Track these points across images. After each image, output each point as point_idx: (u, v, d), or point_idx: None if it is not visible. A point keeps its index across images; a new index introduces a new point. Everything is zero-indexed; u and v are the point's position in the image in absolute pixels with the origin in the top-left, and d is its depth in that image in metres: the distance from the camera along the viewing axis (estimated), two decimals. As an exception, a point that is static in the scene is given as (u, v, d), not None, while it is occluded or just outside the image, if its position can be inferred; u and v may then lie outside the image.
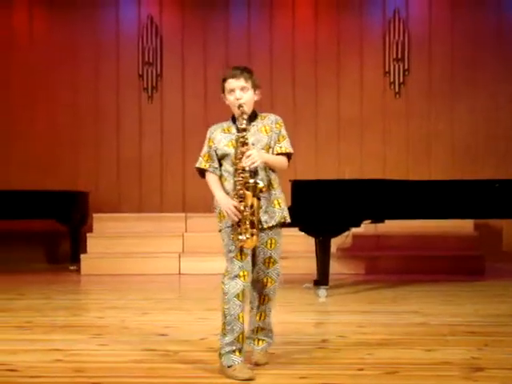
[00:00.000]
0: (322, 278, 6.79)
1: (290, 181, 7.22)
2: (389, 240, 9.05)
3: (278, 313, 5.88)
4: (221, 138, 3.91)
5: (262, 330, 4.06)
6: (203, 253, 8.94)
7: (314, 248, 7.29)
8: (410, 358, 4.18)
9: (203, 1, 10.30)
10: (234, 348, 3.78)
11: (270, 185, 3.89)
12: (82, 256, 9.00)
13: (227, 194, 3.84)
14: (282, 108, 10.10)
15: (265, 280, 3.97)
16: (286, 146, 3.91)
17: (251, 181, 3.73)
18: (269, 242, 3.92)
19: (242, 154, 3.73)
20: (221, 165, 3.92)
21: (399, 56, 10.03)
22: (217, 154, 3.90)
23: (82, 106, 10.33)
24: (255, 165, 3.72)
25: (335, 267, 8.09)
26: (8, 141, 10.24)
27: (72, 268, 9.15)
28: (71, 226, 9.38)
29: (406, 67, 10.04)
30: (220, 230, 3.91)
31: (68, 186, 9.80)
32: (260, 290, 3.99)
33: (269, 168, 3.88)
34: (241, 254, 3.80)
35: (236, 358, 3.77)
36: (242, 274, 3.80)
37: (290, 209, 7.10)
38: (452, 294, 6.78)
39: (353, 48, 10.11)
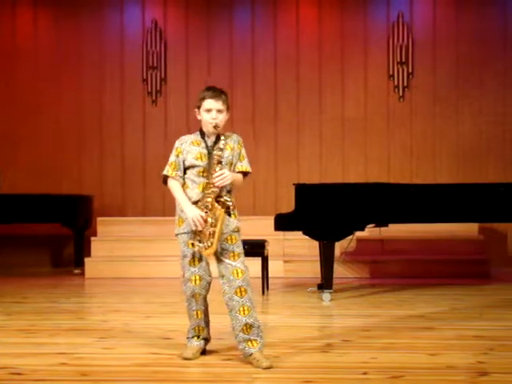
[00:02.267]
0: (326, 282, 6.78)
1: (293, 185, 7.23)
2: (393, 244, 9.04)
3: (281, 316, 5.89)
4: (190, 149, 4.23)
5: (251, 327, 4.13)
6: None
7: (318, 252, 7.28)
8: (414, 362, 4.16)
9: (207, 5, 10.32)
10: (193, 335, 4.34)
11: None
12: (86, 260, 9.01)
13: (189, 199, 4.17)
14: (286, 111, 10.12)
15: (234, 272, 4.15)
16: (246, 165, 4.29)
17: (224, 198, 4.11)
18: (229, 238, 4.17)
19: (215, 171, 4.08)
20: (185, 173, 4.25)
21: (403, 59, 10.03)
22: (184, 164, 4.23)
23: (87, 110, 10.35)
24: (226, 183, 4.09)
25: (339, 271, 8.09)
26: (13, 145, 10.26)
27: (76, 271, 9.16)
28: (75, 229, 9.39)
29: (410, 70, 10.04)
30: (176, 235, 4.32)
31: (72, 189, 9.83)
32: (234, 285, 4.14)
33: (230, 186, 4.21)
34: (194, 260, 4.20)
35: (193, 341, 4.32)
36: (193, 278, 4.21)
37: (293, 213, 7.17)
38: (457, 298, 6.76)
39: (357, 51, 10.12)
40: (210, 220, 4.07)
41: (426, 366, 4.08)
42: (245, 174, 4.28)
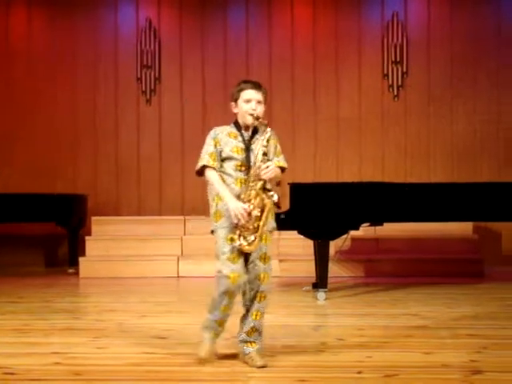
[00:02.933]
0: (320, 281, 6.79)
1: (288, 184, 7.23)
2: (388, 243, 9.06)
3: (277, 315, 5.88)
4: (227, 141, 4.07)
5: (255, 331, 4.11)
6: (202, 255, 8.94)
7: (312, 251, 7.29)
8: (409, 361, 4.17)
9: (201, 4, 10.31)
10: (211, 326, 4.11)
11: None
12: (81, 259, 9.00)
13: None
14: (281, 110, 10.12)
15: (262, 276, 4.03)
16: (283, 160, 4.14)
17: (271, 193, 3.93)
18: (264, 237, 4.01)
19: (262, 163, 3.93)
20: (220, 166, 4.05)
21: (398, 58, 10.04)
22: (220, 155, 4.04)
23: (81, 109, 10.33)
24: (272, 176, 3.93)
25: (334, 270, 8.09)
26: (8, 144, 10.24)
27: (70, 271, 9.14)
28: (70, 229, 9.38)
29: (405, 70, 10.05)
30: (213, 230, 4.05)
31: (67, 189, 9.81)
32: (257, 288, 4.04)
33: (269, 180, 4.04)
34: (233, 257, 3.95)
35: (206, 336, 4.12)
36: (232, 275, 3.94)
37: (288, 212, 7.16)
38: (451, 297, 6.78)
39: (351, 51, 10.12)
40: (254, 213, 3.89)
41: (420, 364, 4.08)
42: (282, 169, 4.12)
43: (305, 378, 3.81)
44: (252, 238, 3.89)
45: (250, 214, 3.88)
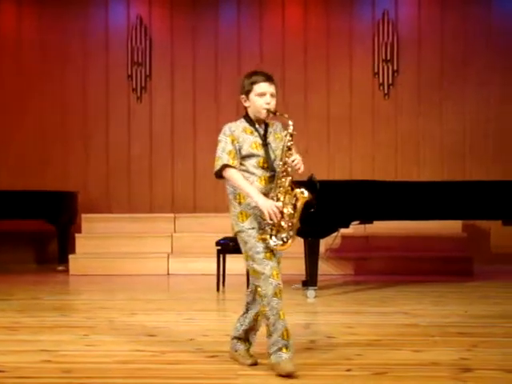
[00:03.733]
0: (310, 279, 6.79)
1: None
2: (378, 241, 9.07)
3: (266, 313, 5.88)
4: (245, 138, 3.88)
5: (252, 330, 4.07)
6: (192, 253, 8.95)
7: (302, 249, 7.29)
8: (398, 358, 4.18)
9: (192, 1, 10.29)
10: (280, 346, 3.78)
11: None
12: (71, 256, 8.98)
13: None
14: (272, 109, 10.09)
15: (279, 275, 3.90)
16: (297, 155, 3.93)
17: (302, 189, 3.79)
18: None
19: (287, 158, 3.77)
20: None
21: (388, 57, 10.06)
22: (240, 153, 3.87)
23: (71, 106, 10.30)
24: (301, 170, 3.79)
25: (324, 268, 8.11)
26: (-3, 141, 10.22)
27: (60, 268, 9.12)
28: (60, 226, 9.35)
29: (395, 68, 10.07)
30: (239, 232, 3.88)
31: (57, 186, 9.78)
32: (278, 285, 3.89)
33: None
34: (270, 255, 3.81)
35: (283, 354, 3.77)
36: (274, 273, 3.80)
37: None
38: (441, 295, 6.80)
39: (342, 49, 10.13)
40: (286, 211, 3.76)
41: (410, 362, 4.09)
42: None
43: (294, 375, 3.81)
44: (285, 236, 3.76)
45: (281, 212, 3.75)
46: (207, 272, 8.24)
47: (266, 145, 3.87)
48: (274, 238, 3.77)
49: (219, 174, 3.92)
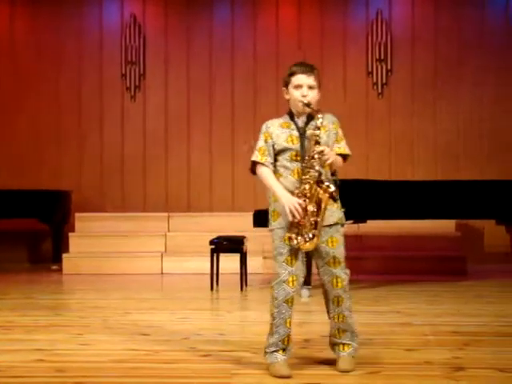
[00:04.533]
0: (304, 279, 6.78)
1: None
2: (371, 240, 9.08)
3: (260, 312, 5.90)
4: (279, 133, 3.83)
5: (344, 331, 3.91)
6: (185, 252, 8.95)
7: (296, 248, 7.28)
8: (391, 357, 4.19)
9: (186, 0, 10.28)
10: (278, 348, 3.81)
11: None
12: (64, 255, 8.96)
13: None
14: (266, 108, 10.11)
15: (334, 281, 3.85)
16: (344, 146, 3.91)
17: (326, 183, 3.69)
18: (329, 240, 3.81)
19: (314, 152, 3.68)
20: (275, 160, 3.84)
21: (382, 57, 10.07)
22: (274, 149, 3.83)
23: (65, 105, 10.28)
24: (329, 162, 3.68)
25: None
26: (-10, 140, 10.19)
27: (54, 268, 9.10)
28: (53, 225, 9.33)
29: (389, 68, 10.09)
30: (270, 230, 3.85)
31: (50, 185, 9.75)
32: (331, 293, 3.88)
33: (329, 168, 3.83)
34: (291, 259, 3.76)
35: (278, 356, 3.79)
36: (290, 279, 3.77)
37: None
38: (434, 295, 6.81)
39: (336, 49, 10.14)
40: (310, 208, 3.66)
41: (403, 361, 4.11)
42: (344, 156, 3.88)
43: (288, 374, 3.82)
44: (310, 235, 3.68)
45: (305, 209, 3.67)
46: (201, 271, 8.24)
47: (302, 137, 3.79)
48: (298, 237, 3.70)
49: (253, 171, 3.91)
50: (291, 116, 3.88)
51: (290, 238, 3.71)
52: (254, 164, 3.87)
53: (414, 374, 3.84)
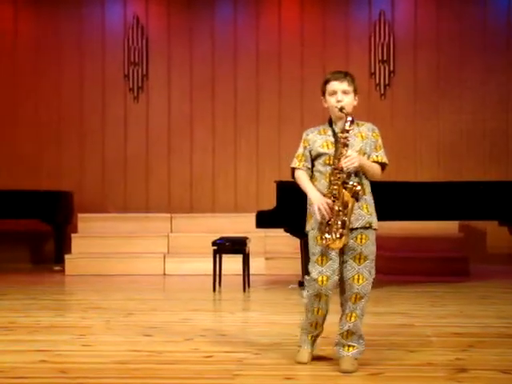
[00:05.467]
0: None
1: (274, 182, 7.24)
2: (373, 241, 9.05)
3: (263, 313, 5.90)
4: (316, 139, 3.99)
5: (352, 334, 3.95)
6: (188, 253, 8.94)
7: (299, 249, 7.29)
8: (394, 359, 4.18)
9: (189, 1, 10.29)
10: (308, 330, 4.10)
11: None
12: (67, 256, 8.96)
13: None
14: (268, 108, 10.13)
15: (356, 277, 3.90)
16: (382, 155, 4.04)
17: (350, 182, 3.79)
18: (359, 237, 3.91)
19: (341, 154, 3.79)
20: (313, 165, 3.99)
21: (385, 58, 10.07)
22: (311, 155, 3.99)
23: (67, 105, 10.29)
24: (354, 165, 3.79)
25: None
26: (-7, 140, 10.21)
27: (56, 268, 9.11)
28: (55, 225, 9.34)
29: (392, 69, 10.08)
30: (307, 231, 4.01)
31: (53, 185, 9.77)
32: (351, 289, 3.92)
33: (362, 173, 3.93)
34: (322, 258, 3.89)
35: (306, 340, 4.11)
36: (320, 278, 3.89)
37: (275, 210, 7.17)
38: (437, 296, 6.81)
39: (338, 49, 10.14)
40: (337, 208, 3.77)
41: (406, 362, 4.10)
42: (382, 165, 4.02)
43: (291, 375, 3.82)
44: (338, 234, 3.78)
45: (333, 209, 3.78)
46: (203, 272, 8.24)
47: (337, 142, 3.88)
48: (326, 235, 3.80)
49: (293, 177, 4.10)
50: (330, 123, 4.02)
51: (320, 238, 3.84)
52: (293, 170, 4.07)
53: (417, 375, 3.84)
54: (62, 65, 10.31)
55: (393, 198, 7.04)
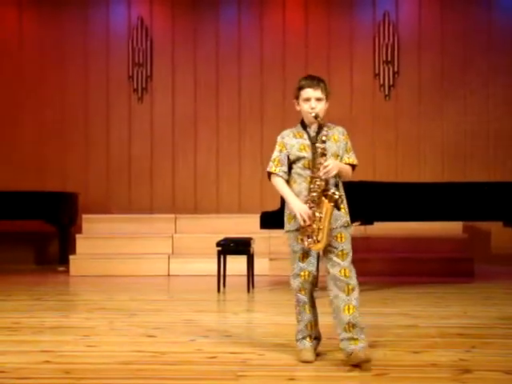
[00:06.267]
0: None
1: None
2: (378, 242, 9.07)
3: (267, 314, 5.90)
4: (293, 143, 4.12)
5: (354, 326, 4.03)
6: (192, 254, 8.95)
7: (303, 250, 7.27)
8: (398, 359, 4.18)
9: (193, 2, 10.30)
10: (305, 335, 4.20)
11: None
12: (71, 257, 8.97)
13: (296, 195, 4.08)
14: (272, 109, 10.13)
15: (343, 271, 4.09)
16: (353, 157, 4.21)
17: (331, 190, 3.98)
18: (339, 235, 4.10)
19: (320, 163, 3.97)
20: (291, 168, 4.14)
21: (389, 58, 10.06)
22: (289, 159, 4.13)
23: (72, 106, 10.31)
24: (331, 174, 3.99)
25: (324, 269, 8.08)
26: (-3, 141, 10.23)
27: (61, 269, 9.12)
28: (60, 226, 9.36)
29: (396, 69, 10.07)
30: (286, 231, 4.22)
31: (57, 186, 9.80)
32: (342, 282, 4.07)
33: (338, 176, 4.12)
34: (302, 256, 4.15)
35: (306, 342, 4.19)
36: (302, 273, 4.17)
37: (279, 210, 7.15)
38: (441, 296, 6.80)
39: (343, 50, 10.14)
40: (317, 214, 3.97)
41: (410, 363, 4.10)
42: (353, 166, 4.20)
43: (295, 376, 3.82)
44: (319, 238, 3.98)
45: (314, 214, 3.98)
46: (208, 273, 8.24)
47: (313, 145, 4.05)
48: (308, 238, 4.01)
49: (269, 179, 4.25)
50: (303, 126, 4.15)
51: (301, 240, 4.07)
52: (269, 174, 4.20)
53: (421, 376, 3.83)
54: (67, 66, 10.33)
55: (397, 199, 7.04)
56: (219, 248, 7.28)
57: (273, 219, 7.16)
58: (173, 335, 4.95)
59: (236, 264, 7.63)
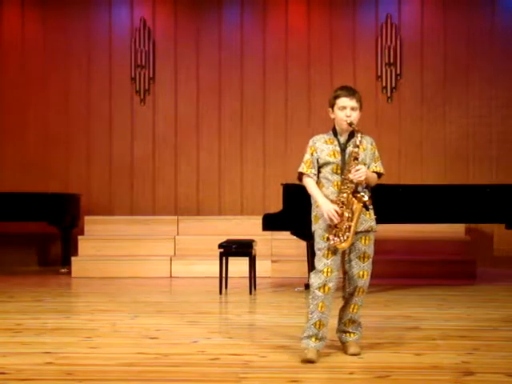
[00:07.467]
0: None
1: (281, 184, 7.24)
2: (380, 244, 8.97)
3: (269, 316, 5.89)
4: (323, 148, 4.32)
5: (353, 322, 4.44)
6: (194, 256, 8.95)
7: (305, 252, 7.29)
8: (400, 362, 4.18)
9: (196, 4, 10.31)
10: (311, 334, 4.25)
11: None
12: (73, 259, 8.98)
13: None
14: (274, 111, 10.13)
15: (361, 273, 4.35)
16: (380, 166, 4.42)
17: (361, 193, 4.18)
18: (363, 238, 4.32)
19: (352, 167, 4.17)
20: (319, 172, 4.33)
21: (391, 60, 10.06)
22: (318, 162, 4.32)
23: (74, 108, 10.32)
24: (362, 179, 4.17)
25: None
26: (0, 143, 10.22)
27: (63, 271, 9.13)
28: (62, 228, 9.36)
29: (398, 72, 10.07)
30: (313, 231, 4.35)
31: (60, 188, 9.80)
32: (356, 284, 4.36)
33: (365, 182, 4.29)
34: (327, 253, 4.24)
35: (310, 342, 4.24)
36: (325, 270, 4.25)
37: (281, 212, 7.17)
38: (443, 299, 6.79)
39: (345, 52, 10.14)
40: (346, 214, 4.15)
41: (412, 365, 4.10)
42: (379, 174, 4.40)
43: (297, 378, 3.82)
44: (345, 237, 4.15)
45: (342, 214, 4.15)
46: (210, 275, 8.25)
47: (343, 152, 4.27)
48: (334, 237, 4.17)
49: (300, 180, 4.42)
50: (335, 133, 4.37)
51: (327, 238, 4.20)
52: (300, 174, 4.38)
53: (423, 378, 3.83)
54: (69, 67, 10.34)
55: (399, 201, 7.04)
56: (221, 250, 7.28)
57: (275, 221, 7.17)
58: (175, 337, 4.95)
59: (238, 266, 7.64)
